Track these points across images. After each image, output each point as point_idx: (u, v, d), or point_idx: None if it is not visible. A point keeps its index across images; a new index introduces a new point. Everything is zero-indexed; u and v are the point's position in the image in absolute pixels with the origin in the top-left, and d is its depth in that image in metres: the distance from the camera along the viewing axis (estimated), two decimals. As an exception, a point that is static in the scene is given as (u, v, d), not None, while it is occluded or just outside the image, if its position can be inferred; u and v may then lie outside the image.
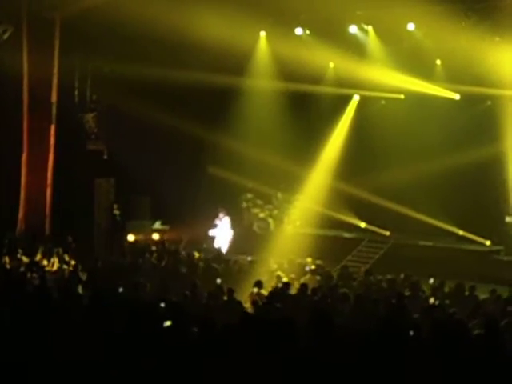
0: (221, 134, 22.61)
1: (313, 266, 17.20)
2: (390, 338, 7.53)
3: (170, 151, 23.24)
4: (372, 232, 23.64)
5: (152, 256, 18.63)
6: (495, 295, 14.47)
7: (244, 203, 25.35)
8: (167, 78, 20.25)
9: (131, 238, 22.09)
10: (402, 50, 21.28)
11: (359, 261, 21.63)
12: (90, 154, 22.70)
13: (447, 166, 21.07)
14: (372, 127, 23.08)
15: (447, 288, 15.17)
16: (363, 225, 24.09)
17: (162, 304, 10.55)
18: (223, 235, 22.59)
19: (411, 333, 8.40)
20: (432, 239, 22.33)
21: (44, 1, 20.27)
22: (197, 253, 18.99)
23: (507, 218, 21.44)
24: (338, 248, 22.24)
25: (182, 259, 18.40)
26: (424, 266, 17.94)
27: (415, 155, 21.91)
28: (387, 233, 23.32)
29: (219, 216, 22.63)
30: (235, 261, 18.50)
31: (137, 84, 20.34)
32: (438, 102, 22.37)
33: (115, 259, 18.74)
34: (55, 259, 17.15)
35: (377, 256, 22.23)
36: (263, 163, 23.27)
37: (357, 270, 18.33)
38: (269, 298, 13.22)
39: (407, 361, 7.16)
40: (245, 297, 13.98)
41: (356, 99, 24.76)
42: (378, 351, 7.27)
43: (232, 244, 22.55)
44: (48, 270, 16.46)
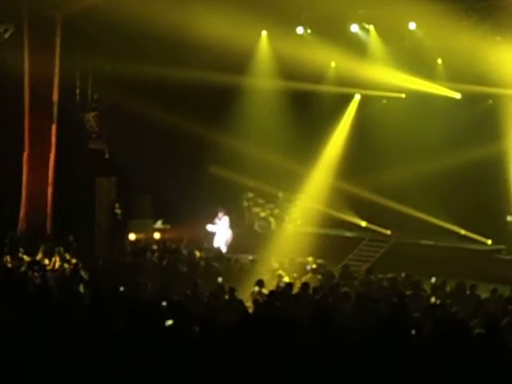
0: (222, 133, 22.58)
1: (314, 265, 17.18)
2: (391, 337, 7.53)
3: (171, 150, 23.21)
4: (373, 231, 23.62)
5: (153, 255, 18.64)
6: (496, 294, 14.47)
7: (245, 202, 25.34)
8: (168, 77, 20.25)
9: (132, 237, 22.09)
10: (404, 49, 21.27)
11: (360, 260, 21.61)
12: (91, 153, 22.67)
13: (448, 165, 21.06)
14: (373, 126, 23.05)
15: (448, 287, 15.17)
16: (364, 224, 24.06)
17: (164, 303, 10.58)
18: (221, 235, 22.58)
19: (412, 332, 8.41)
20: (433, 238, 22.32)
21: (45, 0, 20.27)
22: (198, 252, 18.99)
23: (508, 217, 21.43)
24: (339, 247, 22.22)
25: (183, 258, 18.41)
26: (425, 265, 17.90)
27: (416, 154, 21.90)
28: (388, 232, 23.29)
29: (218, 215, 22.62)
30: (236, 260, 18.52)
31: (138, 83, 20.32)
32: (439, 101, 22.34)
33: (116, 258, 18.73)
34: (56, 258, 17.14)
35: (378, 255, 22.21)
36: (264, 162, 23.26)
37: (358, 269, 18.32)
38: (269, 297, 13.23)
39: (408, 360, 7.16)
40: (246, 296, 13.99)
41: (357, 98, 24.72)
42: (379, 350, 7.27)
43: (232, 243, 22.54)
44: (49, 269, 16.46)
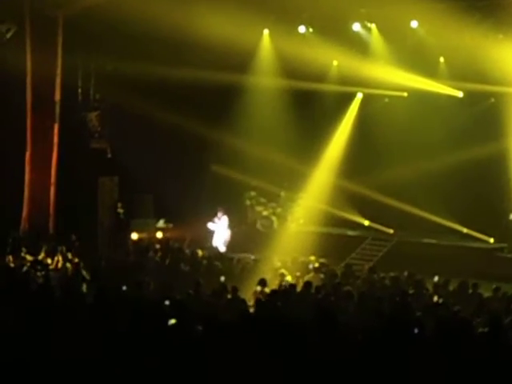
0: (224, 133, 22.59)
1: (316, 264, 17.16)
2: (394, 336, 7.53)
3: (174, 149, 23.20)
4: (376, 230, 23.61)
5: (156, 254, 18.64)
6: (499, 293, 14.45)
7: (247, 201, 25.33)
8: (170, 77, 20.26)
9: (135, 237, 22.08)
10: (406, 48, 21.26)
11: (363, 259, 21.60)
12: (94, 153, 22.67)
13: (451, 164, 21.06)
14: (375, 125, 23.05)
15: (451, 286, 15.17)
16: (367, 223, 24.05)
17: (167, 302, 10.58)
18: (220, 234, 22.57)
19: (415, 330, 8.40)
20: (435, 237, 22.32)
21: (47, -1, 20.31)
22: (200, 251, 18.99)
23: (511, 216, 21.40)
24: (342, 246, 22.22)
25: (186, 257, 18.41)
26: (428, 264, 17.90)
27: (419, 153, 21.89)
28: (391, 231, 23.28)
29: (217, 215, 22.62)
30: (239, 259, 18.52)
31: (140, 82, 20.31)
32: (442, 100, 22.32)
33: (119, 257, 18.75)
34: (59, 258, 17.13)
35: (380, 254, 22.21)
36: (267, 161, 23.27)
37: (360, 268, 18.29)
38: (270, 297, 13.21)
39: (411, 358, 7.16)
40: (248, 295, 13.98)
41: (359, 97, 24.69)
42: (382, 349, 7.28)
43: (235, 242, 22.53)
44: (52, 269, 16.47)
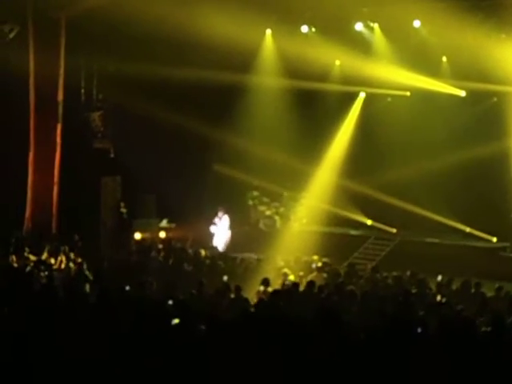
0: (227, 132, 22.59)
1: (319, 264, 17.17)
2: (397, 335, 7.54)
3: (176, 149, 23.20)
4: (378, 229, 23.61)
5: (159, 254, 18.65)
6: (502, 292, 14.46)
7: (250, 201, 25.34)
8: (173, 77, 20.26)
9: (138, 237, 22.09)
10: (408, 47, 21.25)
11: (366, 258, 21.61)
12: (97, 153, 22.68)
13: (453, 163, 21.05)
14: (378, 124, 23.04)
15: (454, 285, 15.16)
16: (369, 222, 24.05)
17: (170, 302, 10.60)
18: (221, 234, 22.58)
19: (418, 330, 8.41)
20: (438, 236, 22.31)
21: (50, 0, 20.28)
22: (203, 251, 19.00)
23: (513, 215, 21.42)
24: (345, 245, 22.23)
25: (189, 257, 18.42)
26: (430, 263, 17.89)
27: (421, 152, 21.89)
28: (394, 230, 23.28)
29: (218, 215, 22.62)
30: (242, 259, 18.52)
31: (143, 83, 20.32)
32: (444, 99, 22.30)
33: (122, 257, 18.76)
34: (62, 258, 17.15)
35: (383, 253, 22.22)
36: (269, 161, 23.26)
37: (363, 268, 18.30)
38: (272, 296, 13.21)
39: (414, 357, 7.17)
40: (252, 295, 13.99)
41: (362, 96, 24.66)
42: (385, 348, 7.28)
43: (237, 242, 22.54)
44: (55, 269, 16.48)
